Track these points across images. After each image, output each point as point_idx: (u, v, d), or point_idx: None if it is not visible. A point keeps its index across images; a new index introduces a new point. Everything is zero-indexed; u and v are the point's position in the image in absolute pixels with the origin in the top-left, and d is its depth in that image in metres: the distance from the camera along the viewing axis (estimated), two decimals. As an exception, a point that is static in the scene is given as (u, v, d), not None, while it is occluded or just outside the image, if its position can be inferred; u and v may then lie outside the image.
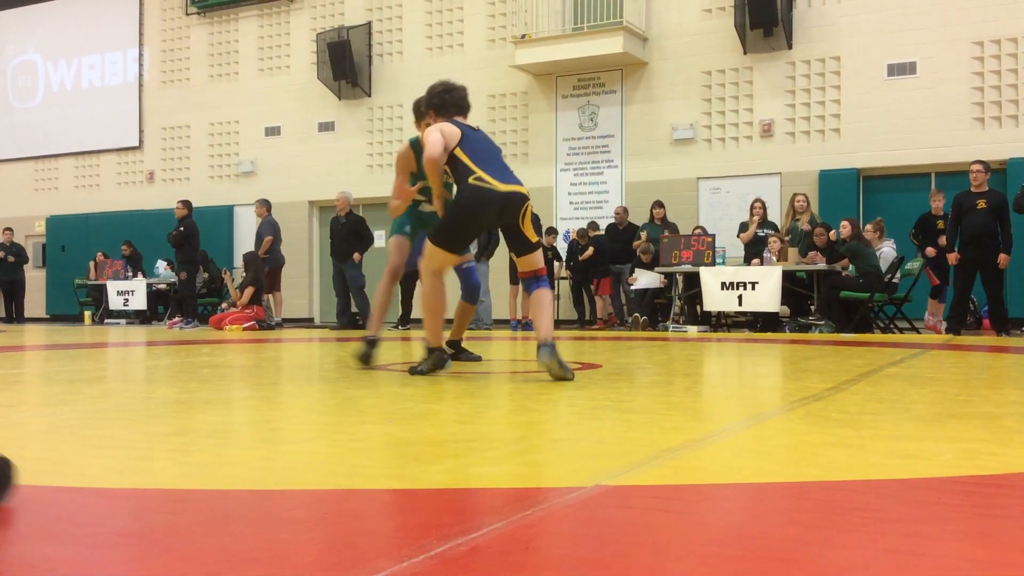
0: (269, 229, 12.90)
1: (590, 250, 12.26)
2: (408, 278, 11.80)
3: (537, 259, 4.36)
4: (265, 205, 13.07)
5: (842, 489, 1.81)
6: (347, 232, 12.02)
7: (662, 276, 11.36)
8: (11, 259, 17.15)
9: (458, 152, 4.25)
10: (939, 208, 10.22)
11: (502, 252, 12.07)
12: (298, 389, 4.08)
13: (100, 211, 18.25)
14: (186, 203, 13.11)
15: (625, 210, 12.73)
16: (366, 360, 5.02)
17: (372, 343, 5.05)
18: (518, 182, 4.32)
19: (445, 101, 4.55)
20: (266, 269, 12.71)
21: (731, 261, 11.06)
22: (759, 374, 4.99)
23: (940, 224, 10.11)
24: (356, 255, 11.88)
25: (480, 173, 4.19)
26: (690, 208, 13.08)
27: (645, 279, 11.64)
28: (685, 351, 6.64)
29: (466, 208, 4.21)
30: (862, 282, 9.60)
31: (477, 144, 4.35)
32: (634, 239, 12.22)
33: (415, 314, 11.07)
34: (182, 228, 12.85)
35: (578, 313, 12.68)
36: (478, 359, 5.40)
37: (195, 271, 13.31)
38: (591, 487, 1.78)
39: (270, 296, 12.99)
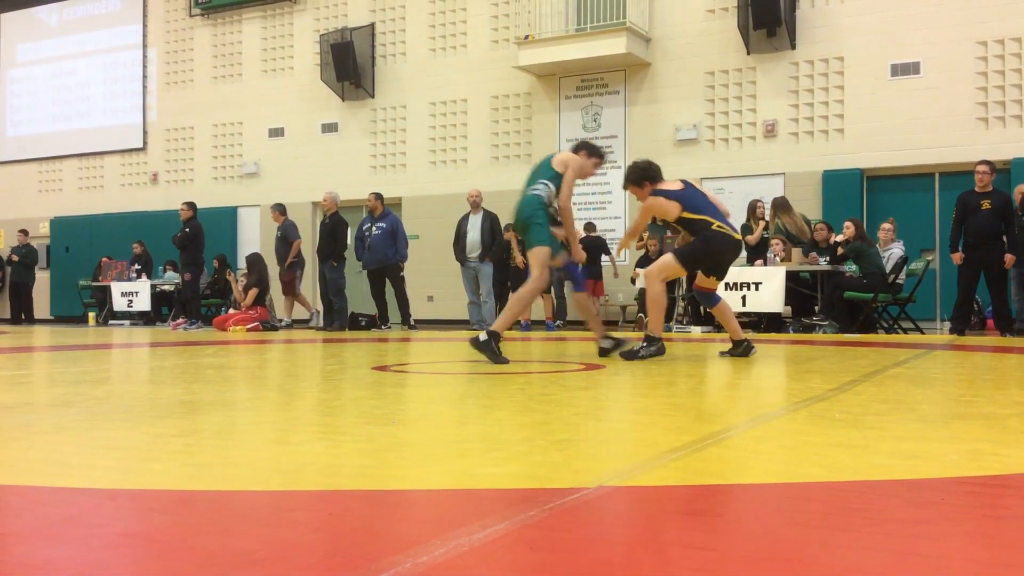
0: (296, 232, 12.78)
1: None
2: (376, 276, 11.77)
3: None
4: (280, 210, 12.94)
5: (846, 490, 1.81)
6: (326, 233, 12.02)
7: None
8: (15, 258, 17.18)
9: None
10: None
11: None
12: (301, 390, 4.08)
13: (104, 212, 18.28)
14: (191, 205, 13.11)
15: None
16: (487, 350, 5.68)
17: (496, 337, 5.84)
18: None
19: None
20: (299, 273, 12.70)
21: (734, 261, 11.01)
22: (763, 375, 4.99)
23: None
24: (333, 261, 11.88)
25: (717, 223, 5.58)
26: (694, 209, 13.05)
27: (649, 279, 11.61)
28: (689, 351, 6.63)
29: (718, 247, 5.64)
30: (866, 282, 9.59)
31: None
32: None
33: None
34: (187, 230, 12.86)
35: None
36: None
37: (199, 272, 13.31)
38: (595, 488, 1.78)
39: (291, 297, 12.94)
